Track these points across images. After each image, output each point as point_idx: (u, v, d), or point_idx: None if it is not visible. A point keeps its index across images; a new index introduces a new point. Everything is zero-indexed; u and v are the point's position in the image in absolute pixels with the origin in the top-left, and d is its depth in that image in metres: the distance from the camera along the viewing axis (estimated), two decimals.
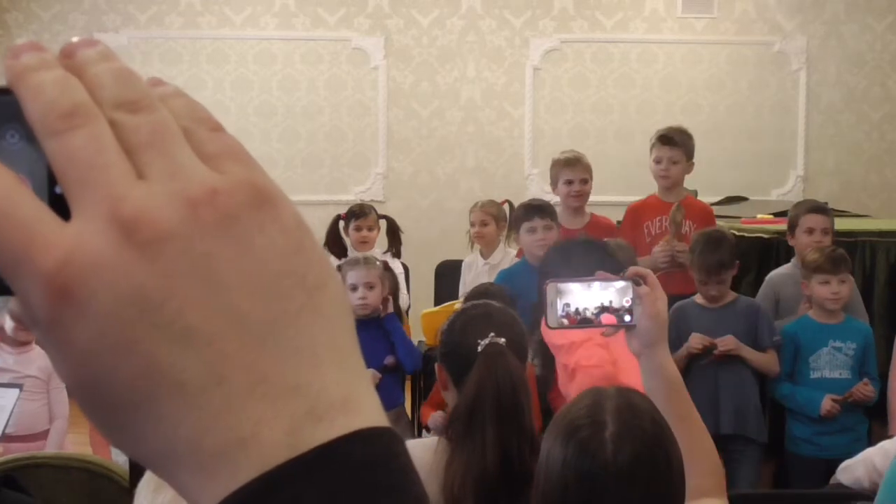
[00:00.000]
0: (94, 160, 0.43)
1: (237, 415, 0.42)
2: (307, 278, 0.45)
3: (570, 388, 3.39)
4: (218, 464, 0.42)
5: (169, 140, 0.44)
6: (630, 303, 2.13)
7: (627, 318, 2.13)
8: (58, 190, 0.44)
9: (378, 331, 4.63)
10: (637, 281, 2.13)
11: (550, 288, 2.15)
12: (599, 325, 2.19)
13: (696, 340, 4.61)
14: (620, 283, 2.14)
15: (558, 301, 2.15)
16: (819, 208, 5.25)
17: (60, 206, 0.44)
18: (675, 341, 4.49)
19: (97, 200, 0.43)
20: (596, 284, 2.16)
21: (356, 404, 0.44)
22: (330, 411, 0.43)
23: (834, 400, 4.63)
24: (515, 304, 3.76)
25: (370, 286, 4.62)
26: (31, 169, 0.45)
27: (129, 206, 0.43)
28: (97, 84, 0.45)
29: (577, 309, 2.15)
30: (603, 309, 2.14)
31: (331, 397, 0.44)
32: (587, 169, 5.53)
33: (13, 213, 0.43)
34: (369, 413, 0.44)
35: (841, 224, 5.57)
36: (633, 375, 2.57)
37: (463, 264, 6.13)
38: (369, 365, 4.39)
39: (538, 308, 3.78)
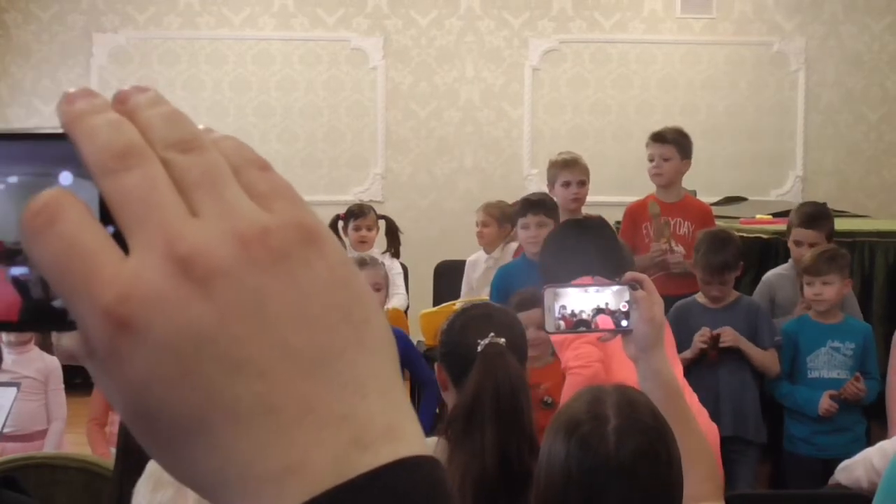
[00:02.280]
0: (148, 198, 0.45)
1: (287, 443, 0.44)
2: (353, 313, 0.46)
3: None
4: (267, 489, 0.44)
5: (220, 179, 0.46)
6: (627, 307, 2.13)
7: (624, 322, 2.13)
8: (109, 230, 0.46)
9: None
10: (634, 285, 2.13)
11: (548, 293, 2.16)
12: (596, 329, 2.19)
13: (703, 336, 4.60)
14: (617, 288, 2.14)
15: (555, 305, 2.15)
16: (809, 221, 5.09)
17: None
18: (677, 340, 4.49)
19: (153, 238, 0.45)
20: (593, 288, 2.17)
21: (400, 433, 0.46)
22: (375, 440, 0.45)
23: (830, 396, 4.63)
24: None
25: (378, 287, 4.62)
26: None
27: (184, 243, 0.44)
28: (149, 126, 0.47)
29: (573, 311, 2.15)
30: (599, 311, 2.14)
31: (376, 426, 0.45)
32: (585, 171, 5.51)
33: (80, 243, 0.45)
34: (412, 442, 0.46)
35: (840, 224, 5.56)
36: (627, 373, 2.55)
37: (467, 262, 6.13)
38: None
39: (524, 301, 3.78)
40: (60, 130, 0.47)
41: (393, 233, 6.43)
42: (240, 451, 0.44)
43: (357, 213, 6.31)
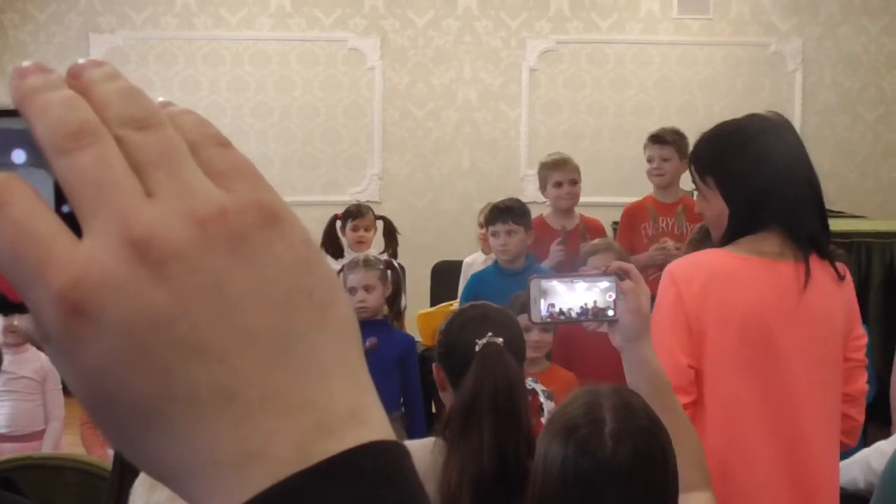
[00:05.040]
0: (103, 179, 0.44)
1: (248, 429, 0.43)
2: (315, 295, 0.45)
3: None
4: (229, 476, 0.43)
5: (176, 158, 0.45)
6: (613, 296, 2.13)
7: (610, 312, 2.14)
8: (65, 209, 0.45)
9: (378, 334, 4.60)
10: (620, 275, 2.13)
11: (534, 284, 2.16)
12: (584, 320, 2.19)
13: None
14: (604, 283, 2.14)
15: (542, 300, 2.15)
16: None
17: (69, 226, 0.44)
18: None
19: (108, 220, 0.43)
20: (579, 284, 2.17)
21: (364, 418, 0.45)
22: (338, 425, 0.44)
23: None
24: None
25: (369, 288, 4.60)
26: (38, 189, 0.45)
27: (140, 225, 0.43)
28: (104, 102, 0.46)
29: (560, 309, 2.16)
30: (586, 310, 2.15)
31: (339, 411, 0.44)
32: (575, 169, 5.53)
33: (31, 228, 0.44)
34: (376, 427, 0.45)
35: (836, 225, 5.55)
36: None
37: (464, 263, 6.12)
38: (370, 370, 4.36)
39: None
40: (13, 107, 0.46)
41: (391, 233, 6.43)
42: (200, 437, 0.43)
43: (355, 214, 6.30)
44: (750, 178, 2.55)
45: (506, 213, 4.98)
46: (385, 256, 6.16)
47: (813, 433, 2.49)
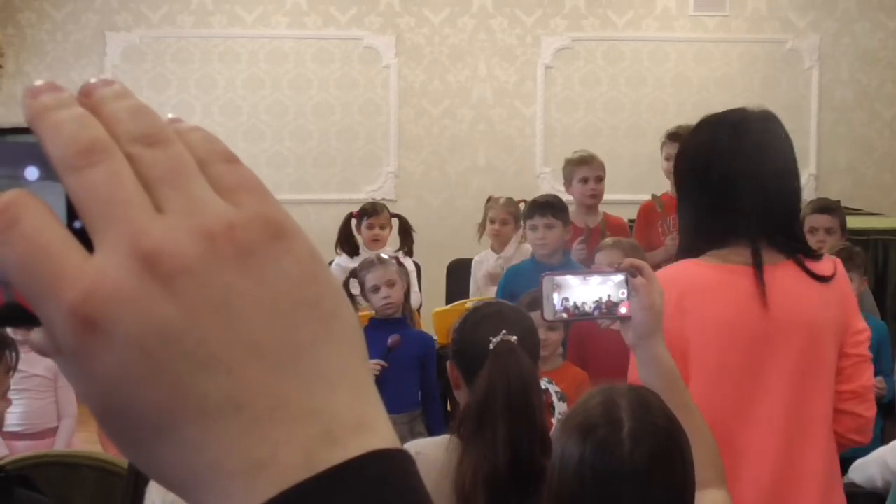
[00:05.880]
0: (113, 195, 0.45)
1: (256, 439, 0.44)
2: (321, 307, 0.47)
3: None
4: (237, 485, 0.44)
5: (185, 174, 0.46)
6: (626, 294, 2.13)
7: (623, 309, 2.13)
8: (77, 225, 0.46)
9: (398, 333, 4.59)
10: (633, 272, 2.13)
11: (547, 281, 2.16)
12: (598, 317, 2.19)
13: None
14: (618, 277, 2.14)
15: (556, 295, 2.15)
16: (821, 207, 5.19)
17: (81, 241, 0.45)
18: None
19: (119, 235, 0.44)
20: (593, 278, 2.17)
21: (369, 427, 0.46)
22: (344, 434, 0.45)
23: None
24: None
25: (391, 284, 4.61)
26: (51, 205, 0.46)
27: (149, 240, 0.44)
28: (114, 119, 0.47)
29: (575, 303, 2.16)
30: (599, 304, 2.15)
31: (345, 420, 0.45)
32: (601, 167, 5.54)
33: (43, 243, 0.45)
34: (382, 435, 0.46)
35: (853, 222, 5.55)
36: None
37: (473, 261, 6.12)
38: (390, 368, 4.38)
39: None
40: (25, 126, 0.47)
41: (406, 231, 6.43)
42: (209, 447, 0.44)
43: (370, 212, 6.31)
44: (714, 194, 2.55)
45: (545, 207, 5.00)
46: (401, 254, 6.17)
47: (805, 436, 2.43)
